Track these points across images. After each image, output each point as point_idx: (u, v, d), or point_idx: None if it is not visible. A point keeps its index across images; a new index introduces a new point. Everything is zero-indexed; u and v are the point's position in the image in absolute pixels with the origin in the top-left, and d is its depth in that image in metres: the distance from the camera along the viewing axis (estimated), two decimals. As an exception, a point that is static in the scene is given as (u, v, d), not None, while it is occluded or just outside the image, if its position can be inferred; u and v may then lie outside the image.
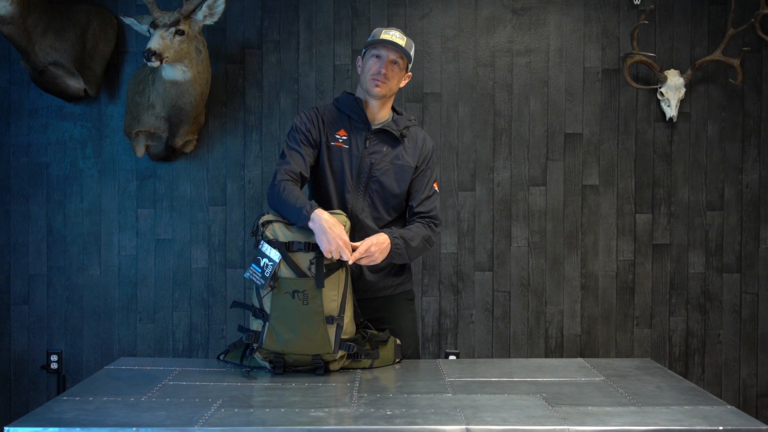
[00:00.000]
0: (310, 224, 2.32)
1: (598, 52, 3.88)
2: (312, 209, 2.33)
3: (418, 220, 2.64)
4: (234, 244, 3.86)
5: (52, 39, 3.52)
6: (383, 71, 2.57)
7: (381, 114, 2.65)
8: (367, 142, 2.61)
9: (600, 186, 3.89)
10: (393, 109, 2.71)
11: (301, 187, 2.56)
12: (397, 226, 2.66)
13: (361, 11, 3.87)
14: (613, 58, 3.88)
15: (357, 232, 2.59)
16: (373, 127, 2.63)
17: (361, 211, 2.60)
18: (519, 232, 3.88)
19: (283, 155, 2.56)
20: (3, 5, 3.20)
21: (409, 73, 2.70)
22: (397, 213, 2.68)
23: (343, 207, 2.60)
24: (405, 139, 2.66)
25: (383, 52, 2.59)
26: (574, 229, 3.89)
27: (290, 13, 3.86)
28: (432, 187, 2.69)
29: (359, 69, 2.68)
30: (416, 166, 2.66)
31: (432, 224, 2.63)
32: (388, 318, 2.65)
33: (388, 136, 2.64)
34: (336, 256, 2.29)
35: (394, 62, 2.60)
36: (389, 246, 2.46)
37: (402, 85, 2.68)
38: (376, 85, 2.57)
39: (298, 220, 2.34)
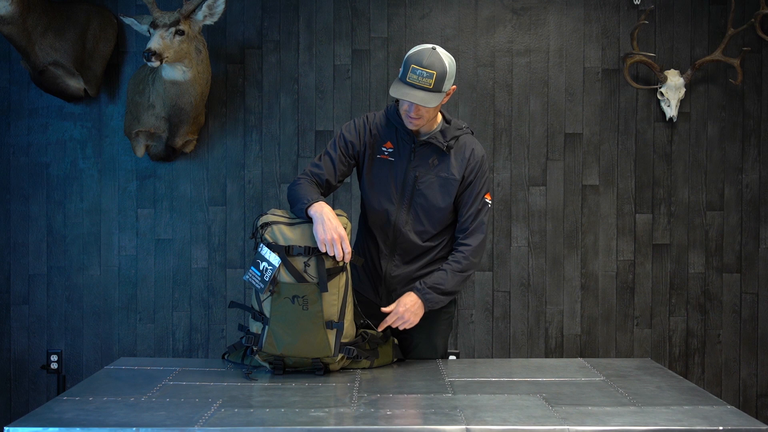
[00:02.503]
0: (310, 211, 2.32)
1: (598, 52, 3.88)
2: (316, 199, 2.35)
3: (457, 249, 2.57)
4: (234, 244, 3.86)
5: (52, 39, 3.52)
6: (411, 114, 2.45)
7: (428, 126, 2.54)
8: (412, 155, 2.54)
9: (600, 186, 3.89)
10: (443, 116, 2.60)
11: (326, 194, 2.53)
12: (444, 238, 2.61)
13: (361, 11, 3.87)
14: (613, 58, 3.88)
15: (399, 245, 2.58)
16: (419, 140, 2.54)
17: (404, 224, 2.57)
18: (519, 232, 3.88)
19: (320, 156, 2.56)
20: (3, 5, 3.20)
21: (453, 87, 2.49)
22: (443, 226, 2.60)
23: (387, 220, 2.57)
24: (452, 150, 2.56)
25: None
26: (574, 229, 3.89)
27: (290, 13, 3.86)
28: (481, 200, 2.58)
29: None
30: (462, 178, 2.55)
31: (464, 253, 2.54)
32: (423, 324, 2.58)
33: (434, 148, 2.55)
34: (330, 250, 2.26)
35: None
36: (422, 305, 2.49)
37: (444, 102, 2.49)
38: (410, 123, 2.48)
39: (298, 206, 2.36)
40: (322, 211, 2.30)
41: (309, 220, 2.34)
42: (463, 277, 2.55)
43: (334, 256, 2.28)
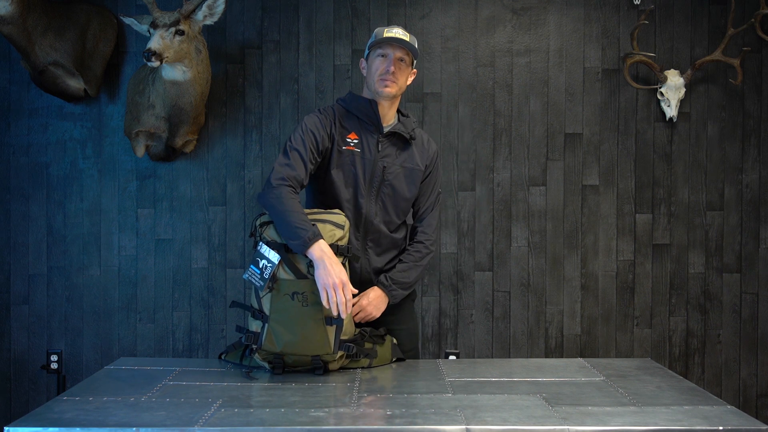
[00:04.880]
0: (312, 254, 2.24)
1: (598, 52, 3.88)
2: (315, 238, 2.25)
3: (418, 240, 2.66)
4: (234, 244, 3.86)
5: (52, 39, 3.51)
6: (391, 69, 2.52)
7: (389, 115, 2.62)
8: (380, 145, 2.58)
9: (600, 186, 3.89)
10: (399, 110, 2.68)
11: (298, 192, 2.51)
12: (405, 227, 2.70)
13: (361, 11, 3.87)
14: (613, 58, 3.88)
15: (370, 235, 2.60)
16: (384, 130, 2.59)
17: (374, 215, 2.59)
18: (519, 232, 3.88)
19: (285, 154, 2.43)
20: (3, 5, 3.20)
21: (415, 70, 2.64)
22: (406, 215, 2.69)
23: (357, 212, 2.57)
24: (413, 141, 2.64)
25: (389, 51, 2.54)
26: (574, 229, 3.89)
27: (290, 13, 3.86)
28: (437, 190, 2.72)
29: (364, 71, 2.63)
30: (425, 168, 2.66)
31: (424, 243, 2.66)
32: (390, 319, 2.64)
33: (398, 138, 2.61)
34: (333, 299, 2.20)
35: (401, 59, 2.55)
36: (386, 299, 2.56)
37: (409, 82, 2.63)
38: (386, 86, 2.52)
39: (294, 242, 2.25)
40: (322, 254, 2.24)
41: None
42: (424, 268, 2.66)
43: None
